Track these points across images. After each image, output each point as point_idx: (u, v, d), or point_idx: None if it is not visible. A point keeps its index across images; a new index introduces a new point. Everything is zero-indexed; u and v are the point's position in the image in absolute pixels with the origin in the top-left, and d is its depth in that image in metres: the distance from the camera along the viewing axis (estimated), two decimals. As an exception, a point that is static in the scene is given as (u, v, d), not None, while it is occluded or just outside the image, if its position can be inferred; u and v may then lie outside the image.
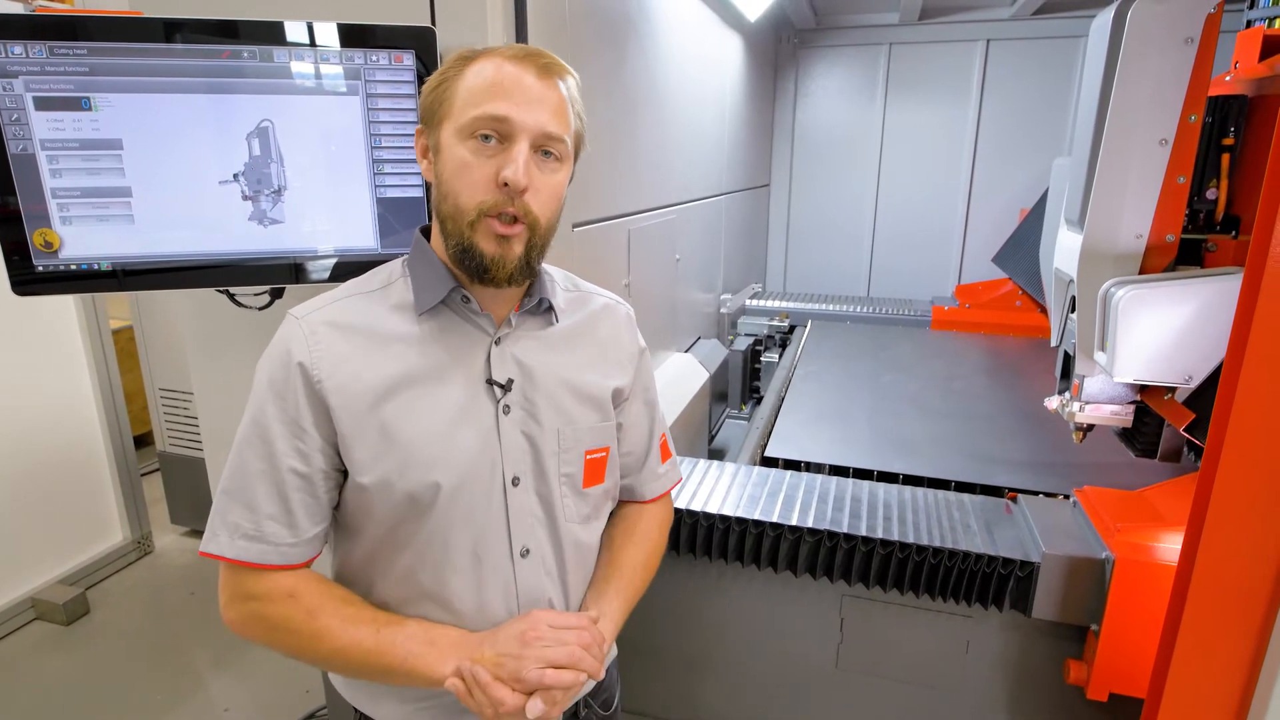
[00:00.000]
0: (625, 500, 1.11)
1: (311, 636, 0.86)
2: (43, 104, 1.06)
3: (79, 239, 1.12)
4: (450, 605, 0.91)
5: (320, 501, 0.89)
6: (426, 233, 0.95)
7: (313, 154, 1.19)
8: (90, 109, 1.08)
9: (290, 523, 0.87)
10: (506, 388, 0.91)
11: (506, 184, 0.82)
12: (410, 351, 0.88)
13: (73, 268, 1.13)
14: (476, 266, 0.85)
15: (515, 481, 0.92)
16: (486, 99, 0.82)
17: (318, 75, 1.17)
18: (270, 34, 1.14)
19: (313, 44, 1.15)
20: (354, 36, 1.17)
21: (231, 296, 1.32)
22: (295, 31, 1.15)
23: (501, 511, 0.92)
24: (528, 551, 0.94)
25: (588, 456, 0.98)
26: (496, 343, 0.92)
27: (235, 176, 1.16)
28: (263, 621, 0.87)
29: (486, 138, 0.82)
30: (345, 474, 0.90)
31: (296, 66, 1.15)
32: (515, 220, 0.84)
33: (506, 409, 0.92)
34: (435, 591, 0.91)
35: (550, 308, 0.96)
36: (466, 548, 0.90)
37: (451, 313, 0.91)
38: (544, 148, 0.85)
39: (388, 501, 0.88)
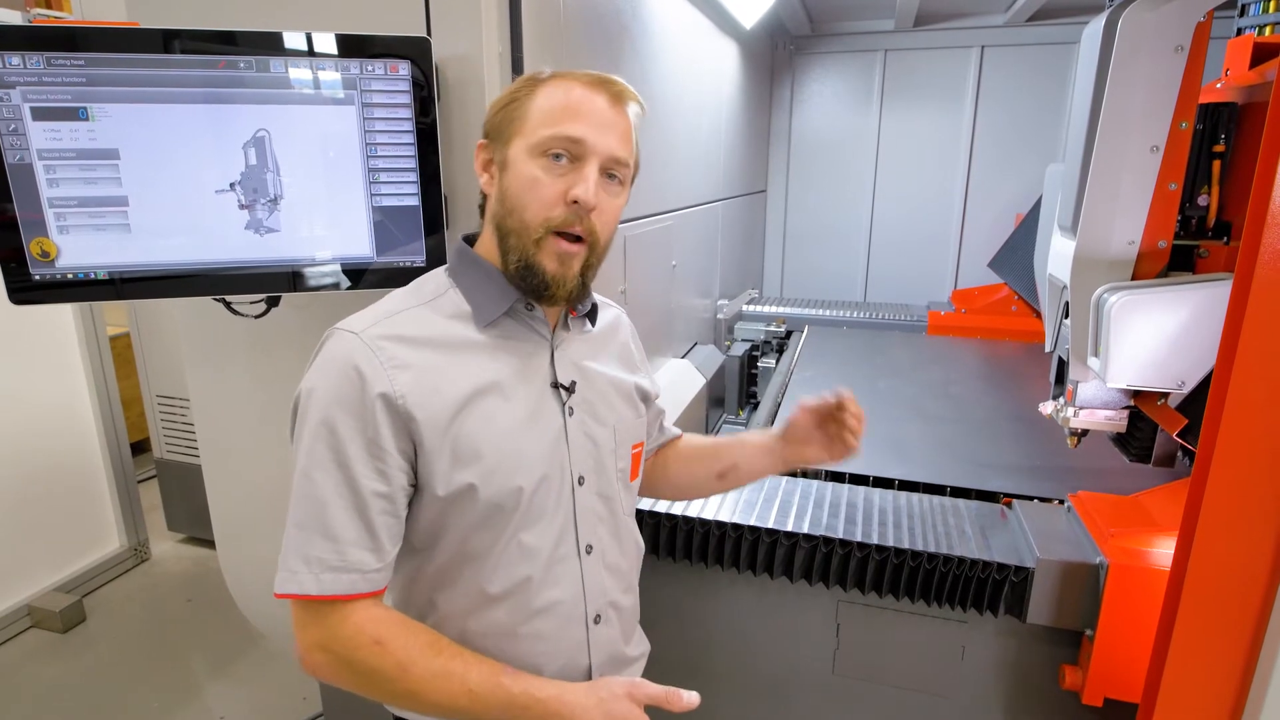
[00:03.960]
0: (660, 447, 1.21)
1: (406, 696, 0.83)
2: (40, 114, 1.06)
3: (76, 248, 1.12)
4: (520, 611, 0.92)
5: (400, 521, 0.87)
6: (469, 241, 0.96)
7: (309, 163, 1.19)
8: (87, 119, 1.08)
9: (375, 546, 0.84)
10: (571, 390, 0.94)
11: (576, 202, 0.84)
12: (481, 360, 0.89)
13: (69, 277, 1.13)
14: (538, 284, 0.87)
15: (581, 481, 0.95)
16: (562, 119, 0.84)
17: (314, 85, 1.17)
18: (266, 44, 1.14)
19: (309, 54, 1.16)
20: (350, 46, 1.17)
21: (228, 305, 1.32)
22: (291, 41, 1.15)
23: (570, 511, 0.94)
24: (591, 548, 0.97)
25: (633, 451, 1.03)
26: (556, 348, 0.95)
27: (232, 185, 1.16)
28: (350, 670, 0.83)
29: (558, 156, 0.85)
30: (415, 489, 0.88)
31: (293, 76, 1.16)
32: (579, 239, 0.87)
33: (571, 411, 0.95)
34: (504, 598, 0.91)
35: (593, 312, 1.01)
36: (539, 551, 0.92)
37: (513, 321, 0.93)
38: (610, 171, 0.87)
39: (468, 511, 0.87)
